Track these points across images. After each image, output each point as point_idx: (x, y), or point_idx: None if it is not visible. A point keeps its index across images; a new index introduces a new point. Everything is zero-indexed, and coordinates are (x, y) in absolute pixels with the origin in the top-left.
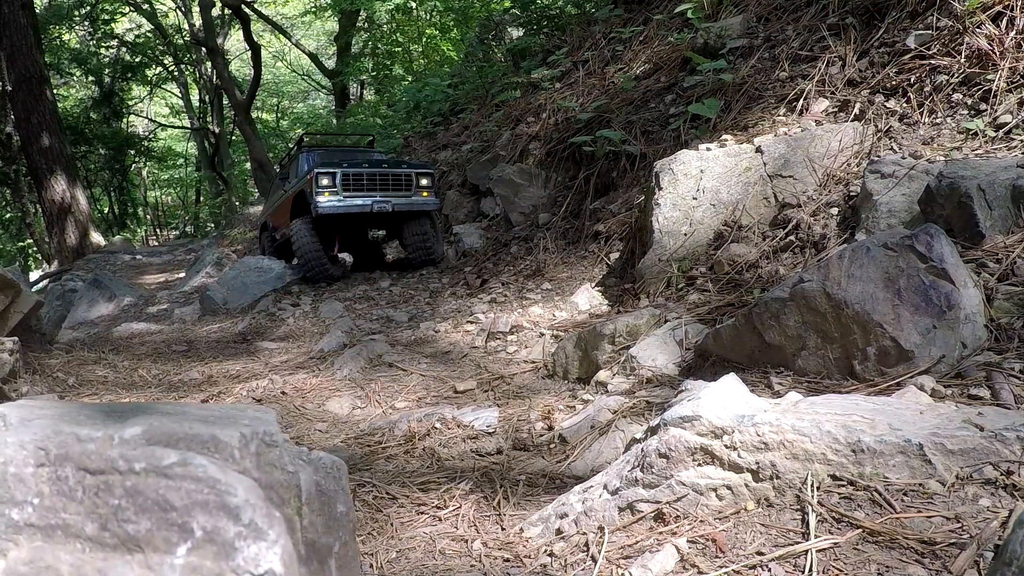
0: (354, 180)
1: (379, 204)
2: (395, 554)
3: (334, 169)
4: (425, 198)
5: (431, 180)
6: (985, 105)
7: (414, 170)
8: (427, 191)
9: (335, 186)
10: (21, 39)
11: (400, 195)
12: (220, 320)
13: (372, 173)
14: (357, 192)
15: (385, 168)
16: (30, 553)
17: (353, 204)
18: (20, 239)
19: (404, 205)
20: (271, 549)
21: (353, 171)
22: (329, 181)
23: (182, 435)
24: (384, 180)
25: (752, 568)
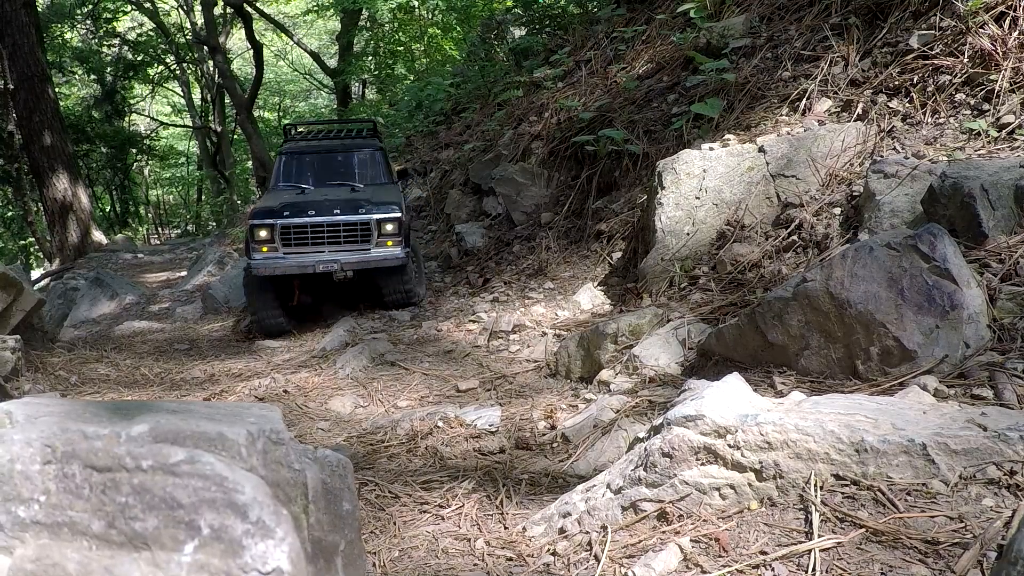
0: (295, 233)
1: (325, 264)
2: (398, 553)
3: (271, 220)
4: (387, 250)
5: (399, 225)
6: (988, 105)
7: (375, 216)
8: (392, 239)
9: (273, 241)
10: (23, 37)
11: (354, 249)
12: (222, 319)
13: (319, 225)
14: (300, 247)
15: (336, 216)
16: (36, 551)
17: (292, 264)
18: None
19: (357, 263)
20: (279, 547)
21: (295, 223)
22: (267, 234)
23: (189, 433)
24: (335, 232)
25: (755, 567)
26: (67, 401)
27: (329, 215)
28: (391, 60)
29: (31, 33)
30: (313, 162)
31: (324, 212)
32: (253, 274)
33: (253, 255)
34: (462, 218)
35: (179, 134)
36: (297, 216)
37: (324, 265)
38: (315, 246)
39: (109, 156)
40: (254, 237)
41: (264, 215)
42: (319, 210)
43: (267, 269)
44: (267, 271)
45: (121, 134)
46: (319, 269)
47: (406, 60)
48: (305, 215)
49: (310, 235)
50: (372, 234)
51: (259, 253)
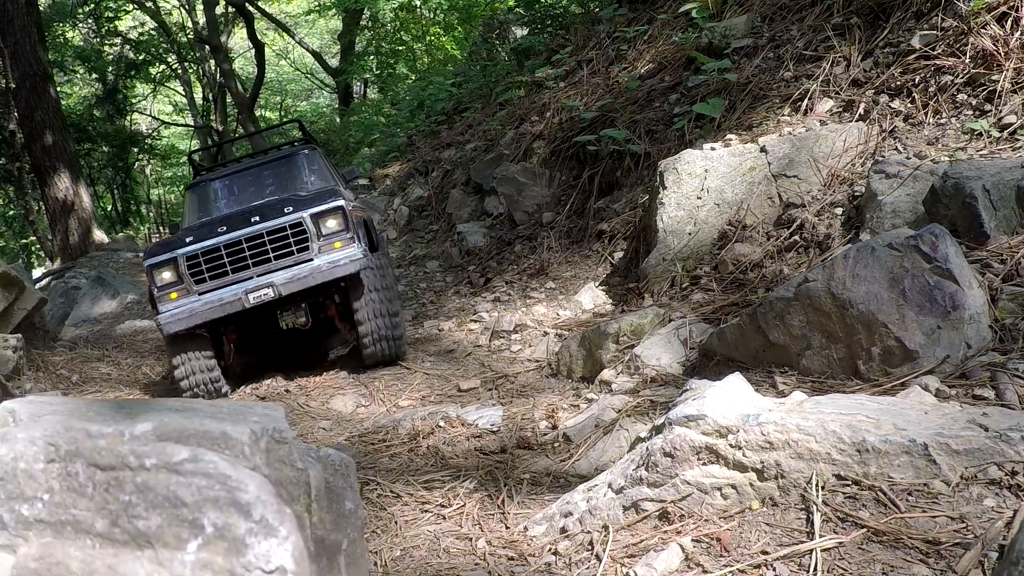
0: (207, 262)
1: (256, 292)
2: (399, 552)
3: (171, 252)
4: (337, 254)
5: (344, 218)
6: (990, 105)
7: (307, 211)
8: (340, 238)
9: (181, 280)
10: (24, 36)
11: (290, 263)
12: None
13: (234, 242)
14: (218, 279)
15: (256, 225)
16: (40, 549)
17: (212, 305)
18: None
19: (297, 281)
20: (282, 546)
21: (203, 247)
22: (171, 274)
23: (192, 431)
24: (259, 248)
25: (757, 567)
26: (70, 400)
27: (246, 226)
28: (393, 59)
29: (33, 32)
30: (226, 187)
31: (239, 225)
32: (164, 334)
33: (160, 308)
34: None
35: (180, 133)
36: (204, 239)
37: (256, 295)
38: (238, 272)
39: (110, 155)
40: (156, 282)
41: (161, 250)
42: (231, 224)
43: (180, 322)
44: (181, 325)
45: (122, 133)
46: (251, 301)
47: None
48: (214, 235)
49: (228, 260)
50: (311, 238)
51: (167, 303)
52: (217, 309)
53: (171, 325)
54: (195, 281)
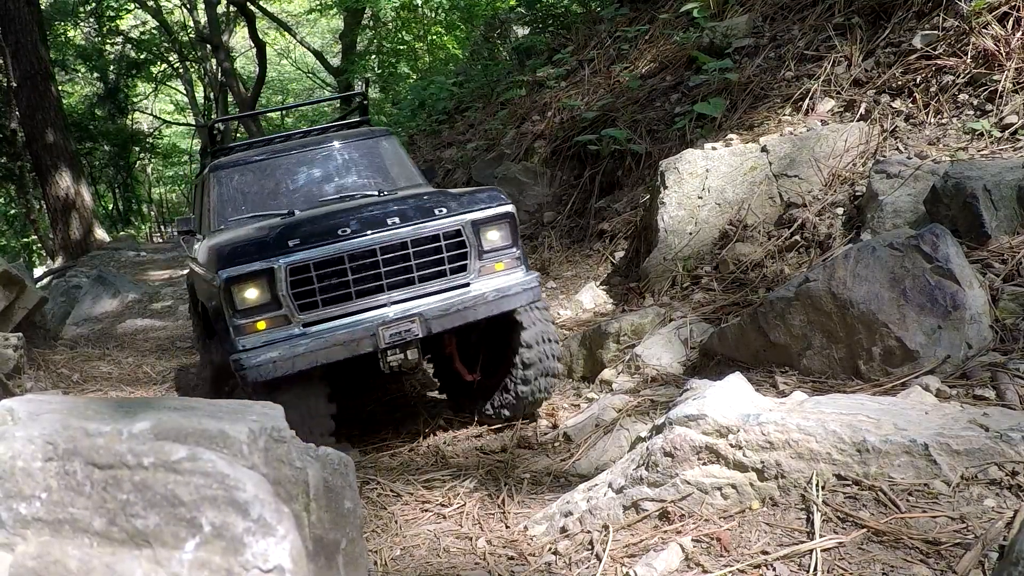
0: (324, 278)
1: (395, 327)
2: (400, 551)
3: (266, 261)
4: (503, 279)
5: (511, 228)
6: (991, 106)
7: (469, 215)
8: (506, 259)
9: (277, 304)
10: (26, 35)
11: (439, 288)
12: None
13: (366, 249)
14: (338, 303)
15: (397, 228)
16: (38, 547)
17: (331, 340)
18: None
19: (454, 315)
20: (280, 545)
21: (318, 256)
22: (263, 294)
23: (191, 430)
24: (397, 260)
25: (757, 567)
26: (69, 398)
27: (382, 228)
28: (394, 59)
29: (34, 31)
30: (282, 173)
31: (369, 226)
32: (248, 381)
33: (239, 343)
34: None
35: (182, 132)
36: (320, 243)
37: (394, 330)
38: (365, 297)
39: (112, 154)
40: (236, 304)
41: (246, 255)
42: (358, 224)
43: (278, 367)
44: (279, 371)
45: (124, 132)
46: (387, 340)
47: (409, 59)
48: (334, 238)
49: (353, 277)
50: (470, 254)
51: (250, 336)
52: (339, 350)
53: (264, 371)
54: (300, 307)
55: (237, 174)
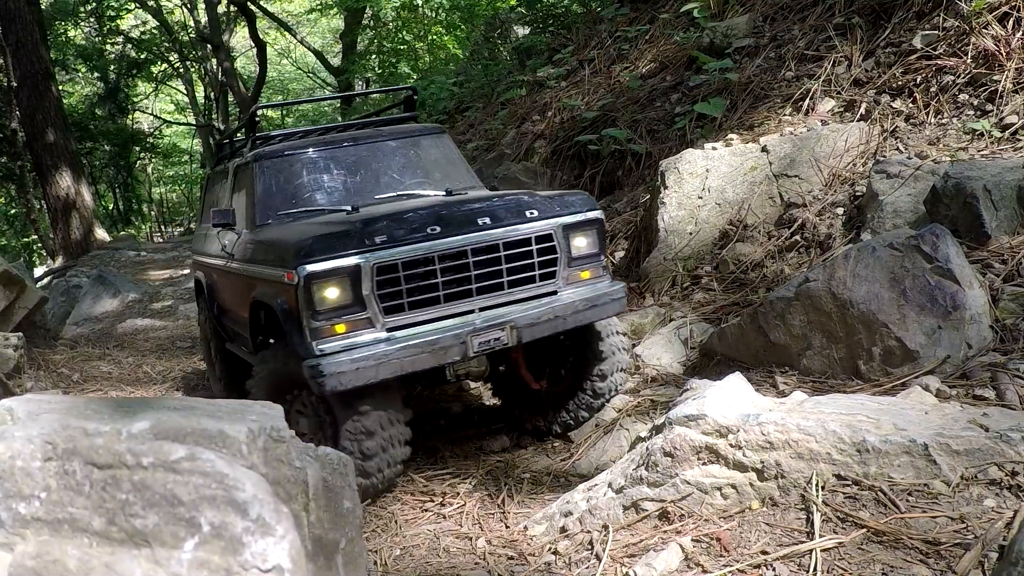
0: (412, 277)
1: (485, 335)
2: (399, 551)
3: (351, 257)
4: (590, 289)
5: (599, 238)
6: (991, 106)
7: (562, 218)
8: (592, 267)
9: (361, 305)
10: (27, 35)
11: (527, 295)
12: None
13: (457, 250)
14: (424, 307)
15: (489, 230)
16: (37, 547)
17: (418, 347)
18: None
19: (545, 324)
20: (279, 544)
21: (409, 251)
22: (346, 294)
23: (190, 430)
24: (488, 263)
25: (756, 567)
26: (68, 398)
27: (473, 229)
28: (394, 59)
29: (34, 30)
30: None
31: (459, 225)
32: (326, 390)
33: (316, 347)
34: None
35: (182, 132)
36: (408, 241)
37: (484, 339)
38: (453, 301)
39: (112, 154)
40: (315, 304)
41: (331, 249)
42: (447, 223)
43: (361, 374)
44: (362, 378)
45: (124, 132)
46: (476, 348)
47: (409, 59)
48: (423, 236)
49: (442, 279)
50: (560, 260)
51: (328, 340)
52: (426, 357)
53: (345, 379)
54: (386, 309)
55: (287, 165)
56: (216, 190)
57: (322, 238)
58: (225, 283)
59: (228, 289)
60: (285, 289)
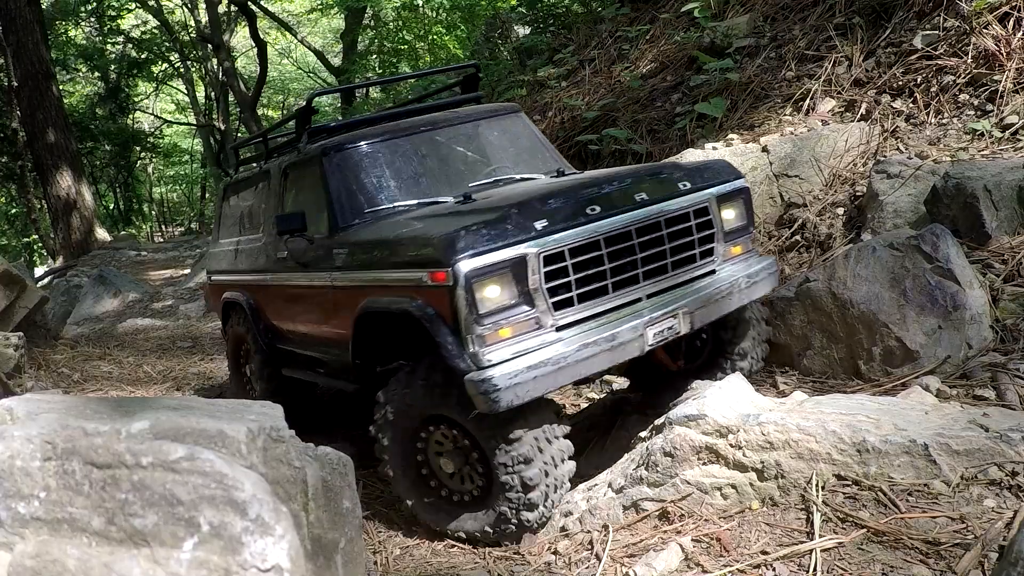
0: (580, 265)
1: (659, 326)
2: (399, 551)
3: (513, 246)
4: (745, 266)
5: (748, 209)
6: (992, 106)
7: (711, 189)
8: (743, 242)
9: (529, 301)
10: (27, 34)
11: (689, 277)
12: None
13: (621, 230)
14: (592, 298)
15: (647, 207)
16: (36, 547)
17: (594, 349)
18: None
19: (712, 306)
20: (278, 544)
21: (575, 234)
22: (510, 291)
23: (189, 430)
24: (651, 243)
25: (756, 567)
26: (68, 398)
27: (631, 206)
28: (395, 58)
29: (35, 30)
30: (417, 154)
31: (617, 202)
32: (501, 406)
33: (484, 357)
34: None
35: (183, 132)
36: (571, 223)
37: (658, 330)
38: (621, 290)
39: (113, 153)
40: (477, 305)
41: (491, 240)
42: (604, 202)
43: (539, 383)
44: (540, 388)
45: (125, 132)
46: (652, 341)
47: (410, 58)
48: (584, 217)
49: (610, 266)
50: (717, 235)
51: (495, 348)
52: (603, 357)
53: (522, 391)
54: (555, 303)
55: (362, 157)
56: (243, 200)
57: (476, 228)
58: (291, 300)
59: (297, 307)
60: (430, 293)
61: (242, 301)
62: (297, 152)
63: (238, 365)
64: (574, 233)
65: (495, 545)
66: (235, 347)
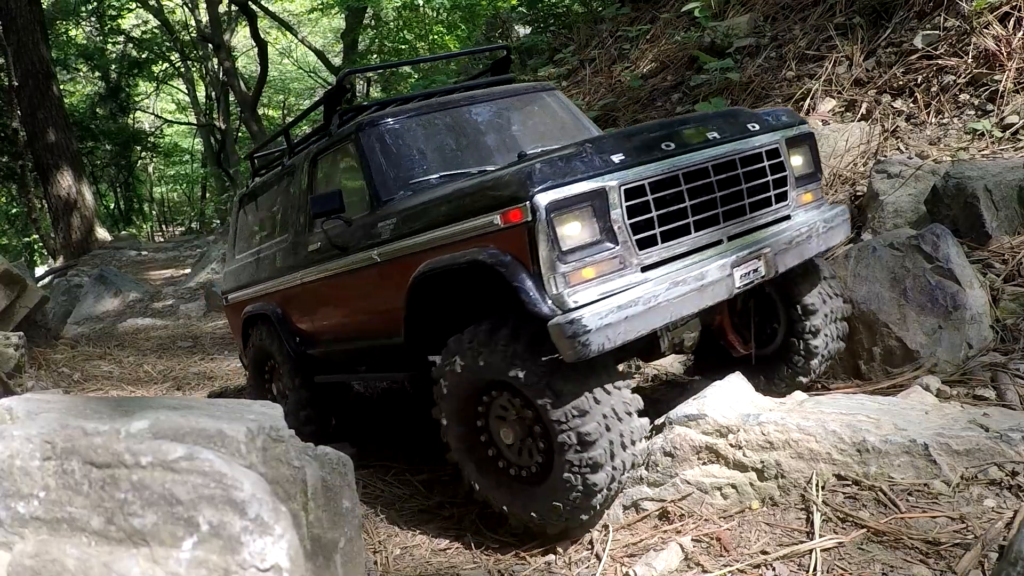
0: (661, 202)
1: (744, 267)
2: (399, 551)
3: (594, 178)
4: (818, 213)
5: (815, 156)
6: (992, 106)
7: (778, 133)
8: (813, 189)
9: (611, 238)
10: (28, 34)
11: (767, 221)
12: (225, 316)
13: (698, 167)
14: (674, 237)
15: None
16: (36, 546)
17: (683, 290)
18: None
19: (795, 250)
20: (277, 544)
21: (652, 171)
22: (591, 228)
23: (188, 429)
24: (728, 183)
25: (756, 567)
26: (67, 397)
27: (705, 143)
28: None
29: (35, 30)
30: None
31: (691, 140)
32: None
33: (569, 298)
34: None
35: (183, 131)
36: (650, 157)
37: (744, 271)
38: (702, 230)
39: (113, 153)
40: (559, 243)
41: (570, 172)
42: (677, 139)
43: (631, 327)
44: (630, 332)
45: (125, 131)
46: (738, 283)
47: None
48: (660, 152)
49: (690, 203)
50: (789, 179)
51: (580, 288)
52: (692, 298)
53: (613, 334)
54: (639, 241)
55: (402, 131)
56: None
57: (552, 160)
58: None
59: (334, 299)
60: (503, 237)
61: (267, 311)
62: (328, 136)
63: (263, 384)
64: (653, 167)
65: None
66: (259, 364)
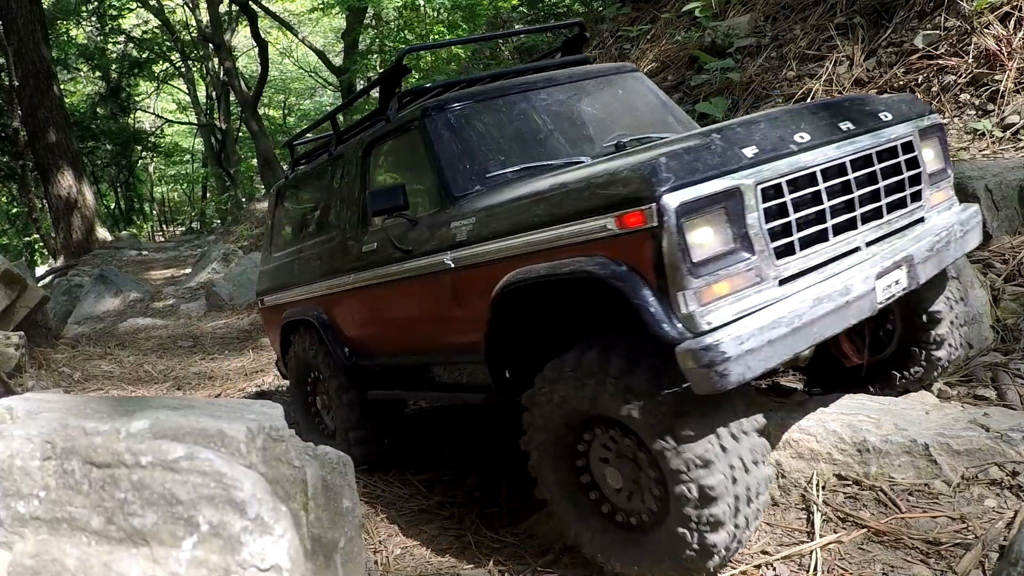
0: (799, 202)
1: (887, 278)
2: (399, 551)
3: (727, 176)
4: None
5: (945, 150)
6: (993, 106)
7: (914, 120)
8: (945, 183)
9: (747, 245)
10: (28, 34)
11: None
12: (226, 316)
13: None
14: (814, 243)
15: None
16: (36, 546)
17: (828, 308)
18: (26, 234)
19: (936, 256)
20: (277, 543)
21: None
22: (723, 235)
23: (189, 429)
24: (864, 181)
25: (757, 567)
26: (68, 397)
27: (839, 136)
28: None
29: (36, 30)
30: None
31: (825, 131)
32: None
33: (702, 319)
34: None
35: (184, 131)
36: (781, 152)
37: (887, 282)
38: (840, 235)
39: (114, 153)
40: (690, 254)
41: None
42: (810, 129)
43: (774, 353)
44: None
45: (126, 131)
46: (880, 299)
47: (411, 58)
48: (795, 146)
49: (829, 205)
50: (923, 175)
51: (714, 307)
52: (835, 318)
53: (755, 359)
54: (777, 248)
55: (476, 115)
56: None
57: (679, 154)
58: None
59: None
60: (618, 244)
61: (311, 317)
62: (384, 122)
63: (305, 398)
64: (789, 162)
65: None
66: (301, 377)
